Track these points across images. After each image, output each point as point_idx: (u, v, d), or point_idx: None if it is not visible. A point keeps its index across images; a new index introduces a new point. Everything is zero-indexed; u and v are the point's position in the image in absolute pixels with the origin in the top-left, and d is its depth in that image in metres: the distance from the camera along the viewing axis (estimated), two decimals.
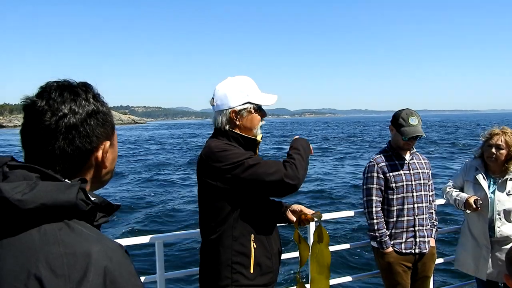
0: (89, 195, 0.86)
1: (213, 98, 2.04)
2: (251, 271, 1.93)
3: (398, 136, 2.89)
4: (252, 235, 1.96)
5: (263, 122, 2.09)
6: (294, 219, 2.24)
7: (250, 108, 2.00)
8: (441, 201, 3.28)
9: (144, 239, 2.63)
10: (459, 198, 3.06)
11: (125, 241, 2.53)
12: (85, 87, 0.96)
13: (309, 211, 2.23)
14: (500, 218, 2.95)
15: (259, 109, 2.04)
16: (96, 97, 0.97)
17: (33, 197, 0.76)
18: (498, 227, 2.95)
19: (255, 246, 1.95)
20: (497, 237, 2.95)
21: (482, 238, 3.00)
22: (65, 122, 0.88)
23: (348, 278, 3.20)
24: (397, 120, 2.89)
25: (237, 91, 1.98)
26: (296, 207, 2.27)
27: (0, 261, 0.76)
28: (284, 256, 2.84)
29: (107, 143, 0.95)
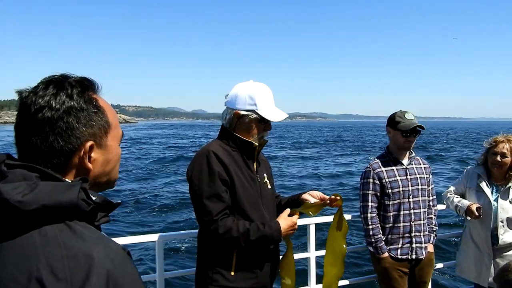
0: (90, 195, 0.83)
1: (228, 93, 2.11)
2: (232, 273, 1.98)
3: (397, 135, 2.87)
4: None
5: (266, 134, 2.12)
6: (312, 200, 2.22)
7: (253, 117, 2.03)
8: (441, 207, 3.28)
9: (144, 238, 2.65)
10: (460, 205, 3.06)
11: (125, 241, 2.54)
12: (76, 82, 0.90)
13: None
14: (503, 226, 2.96)
15: (262, 121, 2.05)
16: (83, 94, 0.90)
17: (34, 198, 0.74)
18: (501, 235, 2.96)
19: (237, 249, 1.98)
20: (500, 245, 2.96)
21: (484, 245, 3.00)
22: (39, 116, 0.84)
23: (344, 282, 3.21)
24: (394, 119, 2.89)
25: (247, 97, 2.02)
26: (315, 193, 2.27)
27: (0, 264, 0.74)
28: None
29: (88, 144, 0.88)
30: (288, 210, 2.09)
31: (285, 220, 2.02)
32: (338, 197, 2.19)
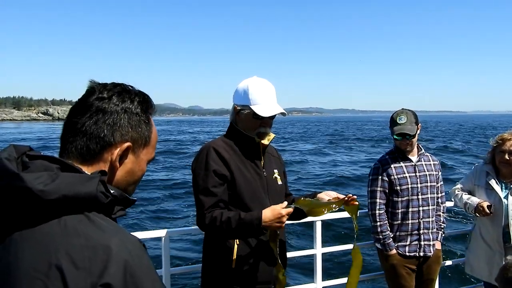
0: (109, 188, 0.86)
1: None
2: (233, 266, 1.99)
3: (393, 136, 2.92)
4: None
5: (265, 129, 2.08)
6: (327, 198, 2.05)
7: (246, 112, 2.06)
8: (449, 204, 3.25)
9: (151, 234, 2.65)
10: (470, 202, 3.02)
11: None
12: (140, 93, 0.99)
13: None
14: None
15: (256, 117, 2.04)
16: (143, 104, 0.98)
17: (55, 188, 0.76)
18: None
19: (238, 243, 2.00)
20: None
21: (495, 243, 2.97)
22: (99, 103, 0.92)
23: None
24: (391, 121, 2.93)
25: (242, 92, 2.07)
26: (331, 193, 2.10)
27: (20, 252, 0.76)
28: (291, 254, 2.82)
29: (127, 144, 0.93)
30: (285, 203, 1.96)
31: (270, 211, 1.89)
32: (355, 196, 2.01)
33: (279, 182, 2.20)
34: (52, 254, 0.74)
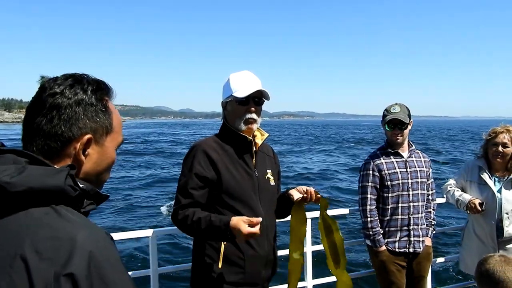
0: (78, 183, 0.86)
1: None
2: (219, 265, 1.97)
3: (384, 128, 2.91)
4: None
5: (251, 115, 2.03)
6: (296, 196, 2.08)
7: (231, 100, 2.05)
8: (441, 200, 3.25)
9: (138, 233, 2.63)
10: (461, 199, 3.02)
11: (119, 236, 2.51)
12: (93, 81, 0.97)
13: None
14: (508, 218, 2.91)
15: (239, 103, 2.02)
16: (97, 93, 0.95)
17: (21, 180, 0.77)
18: (506, 227, 2.91)
19: (225, 243, 1.97)
20: (505, 237, 2.91)
21: (488, 238, 2.95)
22: (51, 100, 0.90)
23: None
24: (384, 113, 2.92)
25: (225, 86, 2.09)
26: (301, 188, 2.11)
27: None
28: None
29: (87, 136, 0.92)
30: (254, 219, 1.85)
31: (239, 219, 1.80)
32: (319, 195, 2.06)
33: (272, 183, 2.15)
34: (17, 245, 0.74)
